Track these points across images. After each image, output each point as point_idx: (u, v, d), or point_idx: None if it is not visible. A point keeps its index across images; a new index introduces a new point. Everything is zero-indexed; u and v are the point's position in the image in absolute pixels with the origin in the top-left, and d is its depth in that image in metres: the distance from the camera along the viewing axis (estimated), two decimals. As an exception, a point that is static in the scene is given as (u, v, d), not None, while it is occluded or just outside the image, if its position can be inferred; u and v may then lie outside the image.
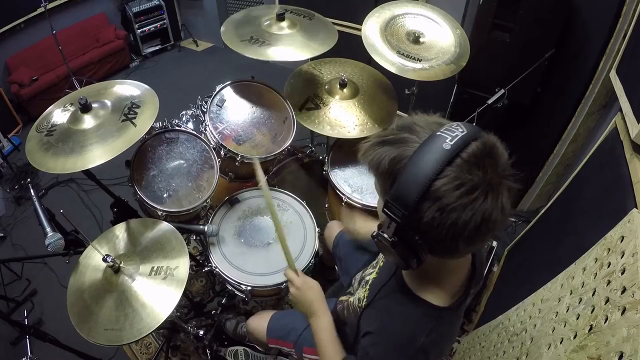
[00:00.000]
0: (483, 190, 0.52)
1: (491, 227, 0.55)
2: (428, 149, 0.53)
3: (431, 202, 0.53)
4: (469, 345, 1.62)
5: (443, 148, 0.52)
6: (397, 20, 1.65)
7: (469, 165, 0.52)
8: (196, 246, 2.05)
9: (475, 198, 0.52)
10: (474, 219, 0.53)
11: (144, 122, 1.17)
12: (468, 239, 0.55)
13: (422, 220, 0.55)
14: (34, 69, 3.59)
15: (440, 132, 0.54)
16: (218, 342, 1.65)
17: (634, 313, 0.66)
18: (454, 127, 0.55)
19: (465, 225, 0.53)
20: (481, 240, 0.58)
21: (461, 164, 0.52)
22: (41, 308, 2.05)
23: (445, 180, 0.52)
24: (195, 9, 4.58)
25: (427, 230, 0.55)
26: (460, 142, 0.53)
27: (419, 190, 0.53)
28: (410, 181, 0.53)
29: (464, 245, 0.57)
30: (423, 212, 0.54)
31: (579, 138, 1.94)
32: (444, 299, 0.69)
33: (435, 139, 0.54)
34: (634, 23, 1.40)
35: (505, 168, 0.55)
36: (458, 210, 0.52)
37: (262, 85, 1.65)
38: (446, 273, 0.71)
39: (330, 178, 1.63)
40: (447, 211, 0.53)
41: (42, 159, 1.10)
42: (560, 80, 1.92)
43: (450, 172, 0.52)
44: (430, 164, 0.52)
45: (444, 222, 0.53)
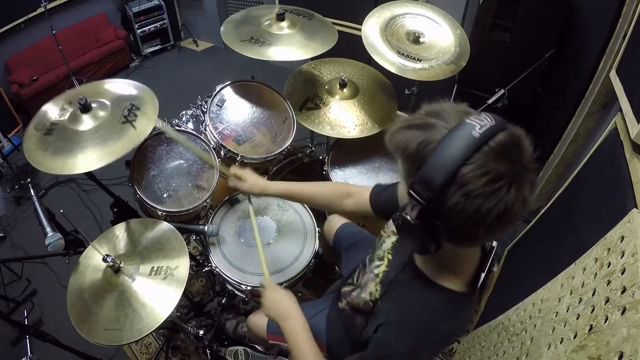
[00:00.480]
0: (508, 181, 0.53)
1: (512, 218, 0.56)
2: (457, 135, 0.54)
3: (457, 187, 0.54)
4: (469, 345, 1.62)
5: (472, 135, 0.53)
6: (397, 20, 1.65)
7: (496, 154, 0.53)
8: (196, 246, 2.05)
9: (500, 187, 0.53)
10: (497, 208, 0.54)
11: (144, 124, 1.17)
12: (489, 228, 0.56)
13: (446, 204, 0.55)
14: (34, 69, 3.59)
15: (470, 120, 0.55)
16: (218, 342, 1.65)
17: (634, 313, 0.66)
18: (483, 117, 0.56)
19: (487, 213, 0.54)
20: (501, 230, 0.58)
21: (489, 153, 0.53)
22: (41, 308, 2.05)
23: (472, 167, 0.53)
24: (195, 9, 4.58)
25: (450, 214, 0.56)
26: (489, 131, 0.54)
27: (447, 174, 0.53)
28: (438, 165, 0.54)
29: (484, 234, 0.58)
30: (448, 196, 0.55)
31: (579, 138, 1.94)
32: (460, 285, 0.70)
33: (464, 125, 0.55)
34: (634, 23, 1.40)
35: (530, 161, 0.56)
36: (482, 197, 0.53)
37: (262, 85, 1.65)
38: (461, 260, 0.72)
39: (331, 178, 1.64)
40: (472, 197, 0.53)
41: (42, 159, 1.10)
42: (560, 80, 1.92)
43: (478, 160, 0.53)
44: (458, 149, 0.53)
45: (468, 208, 0.54)
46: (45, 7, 3.06)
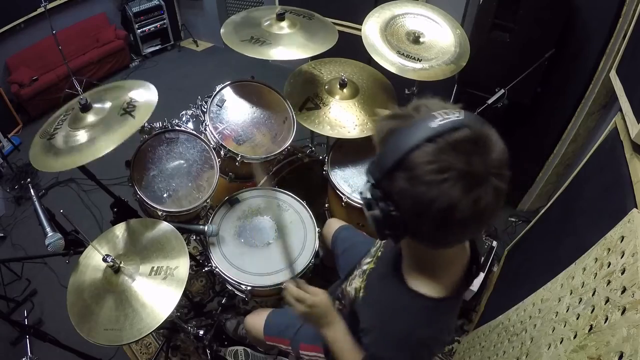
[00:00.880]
0: (456, 175, 0.52)
1: (458, 219, 0.54)
2: (417, 124, 0.55)
3: (404, 171, 0.55)
4: (469, 345, 1.62)
5: (429, 126, 0.54)
6: (397, 20, 1.65)
7: (450, 147, 0.53)
8: (196, 246, 2.05)
9: (444, 179, 0.52)
10: (438, 201, 0.53)
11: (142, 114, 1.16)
12: (433, 223, 0.56)
13: (394, 189, 0.57)
14: (34, 69, 3.59)
15: (436, 113, 0.56)
16: (218, 342, 1.65)
17: (634, 313, 0.66)
18: (452, 112, 0.56)
19: (430, 203, 0.53)
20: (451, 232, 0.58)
21: (442, 145, 0.53)
22: (41, 308, 2.05)
23: (420, 153, 0.53)
24: (195, 9, 4.58)
25: (397, 200, 0.57)
26: (450, 124, 0.54)
27: (396, 158, 0.55)
28: (391, 148, 0.56)
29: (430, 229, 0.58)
30: (395, 180, 0.56)
31: (579, 138, 1.94)
32: (440, 290, 0.69)
33: (429, 117, 0.55)
34: (634, 23, 1.40)
35: (496, 165, 0.54)
36: (425, 185, 0.53)
37: (262, 85, 1.65)
38: (442, 265, 0.71)
39: (330, 178, 1.64)
40: (415, 184, 0.54)
41: (44, 160, 1.11)
42: (560, 80, 1.92)
43: (428, 148, 0.53)
44: (413, 137, 0.54)
45: (411, 194, 0.55)
46: (45, 7, 3.06)
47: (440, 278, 0.70)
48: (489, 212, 0.55)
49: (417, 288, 0.70)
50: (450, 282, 0.71)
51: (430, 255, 0.68)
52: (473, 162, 0.52)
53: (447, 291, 0.70)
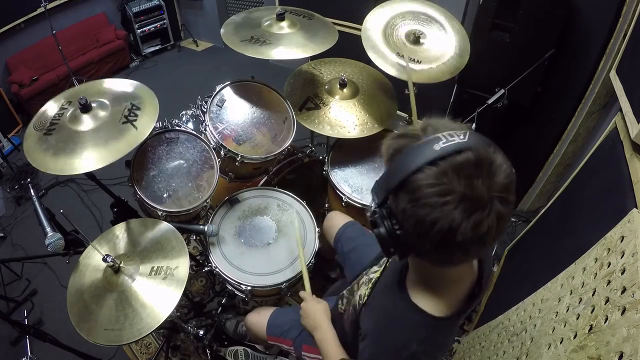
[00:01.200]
0: (457, 198, 0.52)
1: (459, 242, 0.54)
2: (421, 147, 0.56)
3: (407, 192, 0.56)
4: (469, 345, 1.62)
5: (432, 148, 0.55)
6: (397, 20, 1.64)
7: (452, 171, 0.53)
8: (196, 246, 2.05)
9: (446, 202, 0.52)
10: (440, 223, 0.53)
11: (144, 124, 1.17)
12: (434, 243, 0.56)
13: (397, 209, 0.58)
14: (34, 69, 3.59)
15: (441, 135, 0.56)
16: (218, 342, 1.65)
17: (634, 313, 0.66)
18: (457, 134, 0.55)
19: (431, 226, 0.54)
20: (450, 253, 0.58)
21: (444, 167, 0.53)
22: (41, 308, 2.05)
23: (422, 176, 0.54)
24: (195, 9, 4.58)
25: (400, 220, 0.59)
26: (453, 147, 0.54)
27: (399, 179, 0.56)
28: (396, 169, 0.58)
29: (431, 250, 0.58)
30: (398, 200, 0.57)
31: (579, 138, 1.94)
32: (441, 309, 0.69)
33: (432, 140, 0.56)
34: (634, 23, 1.40)
35: (498, 189, 0.53)
36: (427, 207, 0.54)
37: (262, 85, 1.65)
38: (447, 283, 0.70)
39: (330, 178, 1.64)
40: (418, 205, 0.55)
41: (42, 159, 1.10)
42: (560, 80, 1.92)
43: (431, 171, 0.54)
44: (416, 159, 0.55)
45: (413, 214, 0.55)
46: (45, 7, 3.06)
47: (443, 297, 0.70)
48: (491, 235, 0.55)
49: (418, 303, 0.70)
50: (452, 302, 0.71)
51: (435, 272, 0.68)
52: (475, 186, 0.52)
53: (448, 311, 0.69)
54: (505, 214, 0.55)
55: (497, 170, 0.54)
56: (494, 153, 0.55)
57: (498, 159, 0.55)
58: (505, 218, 0.55)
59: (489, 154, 0.54)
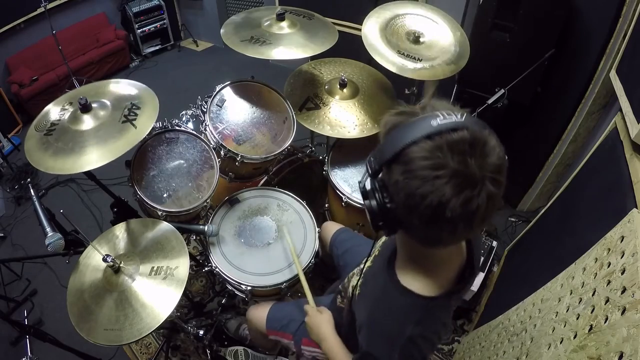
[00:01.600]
0: (449, 174, 0.53)
1: (448, 217, 0.55)
2: (419, 122, 0.57)
3: (400, 164, 0.57)
4: (469, 345, 1.62)
5: (430, 124, 0.55)
6: (397, 20, 1.65)
7: (446, 146, 0.54)
8: (196, 246, 2.05)
9: (438, 176, 0.53)
10: (430, 197, 0.54)
11: (144, 123, 1.17)
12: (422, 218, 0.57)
13: (389, 180, 0.59)
14: (34, 69, 3.59)
15: (439, 112, 0.57)
16: (218, 342, 1.65)
17: (634, 313, 0.66)
18: (454, 113, 0.57)
19: (421, 199, 0.55)
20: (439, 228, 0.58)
21: (440, 143, 0.54)
22: (41, 308, 2.05)
23: (417, 149, 0.55)
24: (195, 9, 4.58)
25: (393, 193, 0.59)
26: (450, 125, 0.55)
27: (394, 151, 0.56)
28: (391, 142, 0.58)
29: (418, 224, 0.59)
30: (391, 172, 0.58)
31: (579, 138, 1.94)
32: (430, 289, 0.69)
33: (430, 117, 0.56)
34: (634, 23, 1.40)
35: (491, 170, 0.54)
36: (419, 180, 0.54)
37: (262, 85, 1.65)
38: (435, 263, 0.71)
39: (330, 178, 1.64)
40: (410, 177, 0.55)
41: (42, 159, 1.10)
42: (560, 80, 1.92)
43: (426, 145, 0.54)
44: (412, 132, 0.56)
45: (405, 187, 0.56)
46: (45, 7, 3.06)
47: (431, 277, 0.70)
48: (480, 215, 0.55)
49: (407, 285, 0.70)
50: (442, 283, 0.71)
51: (423, 253, 0.69)
52: (468, 164, 0.53)
53: (437, 291, 0.70)
54: (495, 195, 0.55)
55: (491, 152, 0.55)
56: (489, 135, 0.56)
57: (492, 141, 0.56)
58: (495, 199, 0.56)
59: (484, 135, 0.56)
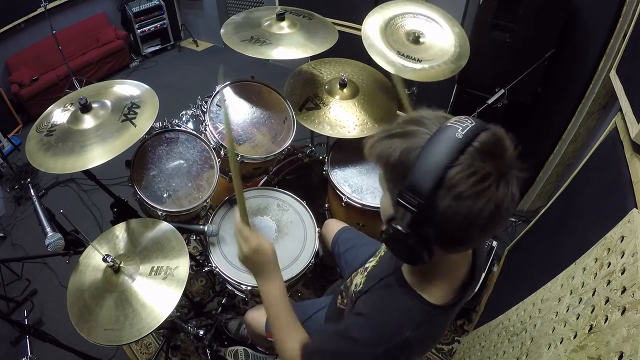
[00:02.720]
0: (495, 178, 0.54)
1: (503, 215, 0.56)
2: (441, 139, 0.55)
3: (446, 190, 0.54)
4: (469, 345, 1.62)
5: (456, 137, 0.54)
6: (397, 20, 1.64)
7: (481, 153, 0.54)
8: (196, 246, 2.05)
9: (489, 186, 0.53)
10: (488, 207, 0.54)
11: (143, 122, 1.17)
12: (482, 227, 0.56)
13: (438, 210, 0.55)
14: (34, 69, 3.59)
15: (451, 123, 0.56)
16: (218, 342, 1.65)
17: (634, 313, 0.66)
18: (463, 119, 0.57)
19: (480, 212, 0.54)
20: (493, 228, 0.58)
21: (473, 153, 0.53)
22: (41, 308, 2.05)
23: (459, 169, 0.53)
24: (195, 9, 4.58)
25: (443, 220, 0.56)
26: (471, 132, 0.54)
27: (434, 178, 0.53)
28: (424, 170, 0.54)
29: (479, 234, 0.58)
30: (438, 201, 0.54)
31: (579, 138, 1.94)
32: (438, 297, 0.69)
33: (447, 129, 0.55)
34: (634, 23, 1.40)
35: (513, 158, 0.56)
36: (472, 198, 0.53)
37: (262, 85, 1.65)
38: (445, 270, 0.71)
39: (330, 178, 1.64)
40: (462, 199, 0.53)
41: (42, 159, 1.10)
42: (560, 80, 1.92)
43: (464, 160, 0.53)
44: (444, 152, 0.53)
45: (460, 210, 0.54)
46: (45, 7, 3.06)
47: (439, 285, 0.70)
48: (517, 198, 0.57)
49: (416, 289, 0.70)
50: (448, 292, 0.71)
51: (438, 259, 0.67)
52: (501, 161, 0.55)
53: (443, 300, 0.70)
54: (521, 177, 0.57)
55: (508, 142, 0.57)
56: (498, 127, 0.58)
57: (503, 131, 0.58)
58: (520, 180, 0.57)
59: (498, 130, 0.57)
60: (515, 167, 0.56)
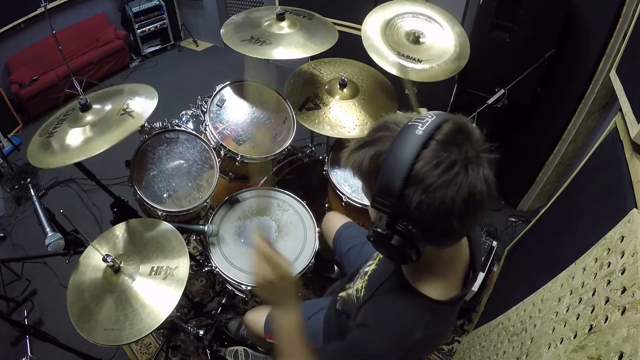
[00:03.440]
0: (462, 165, 0.54)
1: (479, 200, 0.56)
2: (402, 139, 0.56)
3: (415, 186, 0.55)
4: (469, 345, 1.62)
5: (416, 134, 0.55)
6: (397, 20, 1.64)
7: (444, 144, 0.54)
8: (196, 246, 2.05)
9: (456, 173, 0.54)
10: (460, 194, 0.54)
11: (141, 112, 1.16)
12: (460, 216, 0.56)
13: (411, 207, 0.56)
14: (34, 69, 3.59)
15: (412, 122, 0.57)
16: (218, 342, 1.65)
17: (634, 313, 0.66)
18: (424, 116, 0.58)
19: (453, 201, 0.54)
20: (473, 216, 0.58)
21: (436, 145, 0.54)
22: (41, 308, 2.05)
23: (423, 162, 0.54)
24: (195, 9, 4.58)
25: (419, 216, 0.56)
26: (432, 126, 0.55)
27: (401, 177, 0.54)
28: (391, 171, 0.55)
29: (458, 224, 0.58)
30: (410, 198, 0.55)
31: (579, 138, 1.94)
32: (442, 292, 0.69)
33: (407, 129, 0.56)
34: (634, 23, 1.40)
35: (480, 142, 0.57)
36: (443, 188, 0.54)
37: (262, 86, 1.65)
38: (444, 264, 0.71)
39: (330, 178, 1.64)
40: (432, 191, 0.54)
41: (42, 157, 1.10)
42: (560, 80, 1.92)
43: (427, 154, 0.54)
44: (406, 150, 0.54)
45: (432, 202, 0.55)
46: (45, 7, 3.06)
47: (440, 281, 0.70)
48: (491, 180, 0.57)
49: (419, 288, 0.70)
50: (450, 287, 0.71)
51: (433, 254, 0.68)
52: (466, 147, 0.55)
53: (447, 295, 0.70)
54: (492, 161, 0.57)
55: (472, 128, 0.57)
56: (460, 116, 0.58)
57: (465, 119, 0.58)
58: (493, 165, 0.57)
59: (459, 118, 0.58)
60: (483, 150, 0.56)
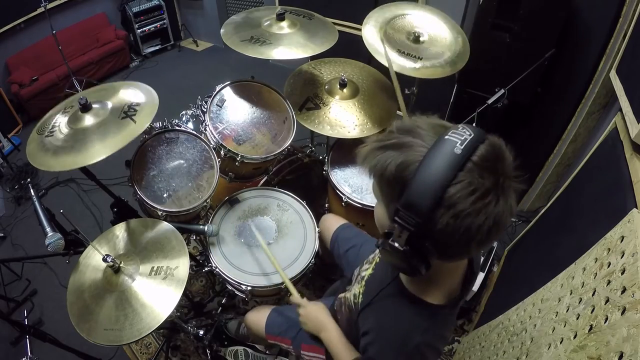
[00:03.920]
0: (495, 194, 0.52)
1: (501, 228, 0.55)
2: (439, 154, 0.52)
3: (446, 209, 0.52)
4: (469, 345, 1.62)
5: (454, 152, 0.51)
6: (397, 20, 1.65)
7: (480, 169, 0.52)
8: (196, 246, 2.05)
9: (488, 202, 0.52)
10: (487, 223, 0.53)
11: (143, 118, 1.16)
12: (480, 241, 0.55)
13: (436, 228, 0.54)
14: (34, 69, 3.59)
15: (449, 136, 0.53)
16: (218, 342, 1.65)
17: (634, 313, 0.66)
18: (461, 130, 0.54)
19: (478, 229, 0.53)
20: (490, 241, 0.58)
21: (473, 169, 0.52)
22: (41, 308, 2.05)
23: (459, 187, 0.51)
24: (195, 9, 4.58)
25: (440, 237, 0.55)
26: (470, 145, 0.52)
27: (434, 198, 0.51)
28: (423, 188, 0.52)
29: (476, 248, 0.57)
30: (437, 219, 0.53)
31: (579, 138, 1.94)
32: (440, 298, 0.70)
33: (444, 143, 0.53)
34: (634, 23, 1.40)
35: (511, 170, 0.55)
36: (472, 216, 0.52)
37: (262, 85, 1.65)
38: (444, 274, 0.71)
39: (330, 178, 1.64)
40: (462, 217, 0.52)
41: (43, 159, 1.10)
42: (560, 80, 1.92)
43: (464, 178, 0.51)
44: (442, 169, 0.51)
45: (458, 228, 0.53)
46: (45, 7, 3.06)
47: (439, 286, 0.70)
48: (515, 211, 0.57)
49: (416, 293, 0.70)
50: (448, 291, 0.71)
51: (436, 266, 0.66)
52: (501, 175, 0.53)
53: (445, 299, 0.70)
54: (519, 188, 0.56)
55: (507, 153, 0.55)
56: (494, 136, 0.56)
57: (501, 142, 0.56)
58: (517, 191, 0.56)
59: (496, 141, 0.55)
60: (513, 179, 0.55)
